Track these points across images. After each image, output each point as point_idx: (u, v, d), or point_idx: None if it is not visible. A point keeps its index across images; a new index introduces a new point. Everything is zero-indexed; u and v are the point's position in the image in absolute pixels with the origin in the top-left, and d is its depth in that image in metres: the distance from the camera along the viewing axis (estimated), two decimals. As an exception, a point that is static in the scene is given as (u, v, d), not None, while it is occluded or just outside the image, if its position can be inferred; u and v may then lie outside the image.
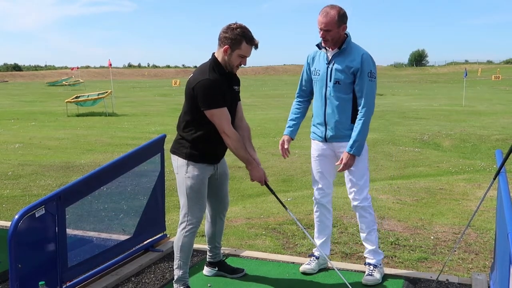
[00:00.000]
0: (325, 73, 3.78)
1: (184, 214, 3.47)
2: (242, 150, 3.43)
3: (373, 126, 16.03)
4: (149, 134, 14.12)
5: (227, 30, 3.34)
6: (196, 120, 3.39)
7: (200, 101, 3.29)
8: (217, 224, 3.85)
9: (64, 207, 3.40)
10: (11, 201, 7.39)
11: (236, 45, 3.32)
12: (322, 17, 3.60)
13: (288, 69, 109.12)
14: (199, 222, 3.50)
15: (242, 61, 3.40)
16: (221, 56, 3.38)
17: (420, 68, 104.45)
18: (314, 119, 4.08)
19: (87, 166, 9.83)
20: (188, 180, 3.41)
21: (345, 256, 4.78)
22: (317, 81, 3.89)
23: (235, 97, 3.55)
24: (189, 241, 3.48)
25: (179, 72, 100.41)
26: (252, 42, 3.37)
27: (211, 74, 3.31)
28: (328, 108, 3.84)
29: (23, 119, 19.43)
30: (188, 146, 3.42)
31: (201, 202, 3.49)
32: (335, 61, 3.74)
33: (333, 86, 3.75)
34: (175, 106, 24.82)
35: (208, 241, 3.93)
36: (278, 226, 5.65)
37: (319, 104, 3.94)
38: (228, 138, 3.37)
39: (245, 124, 3.67)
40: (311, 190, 8.02)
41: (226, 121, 3.36)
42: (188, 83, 3.38)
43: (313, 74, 3.94)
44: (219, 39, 3.38)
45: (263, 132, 14.68)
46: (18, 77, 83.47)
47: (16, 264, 3.03)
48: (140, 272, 4.05)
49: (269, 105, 25.44)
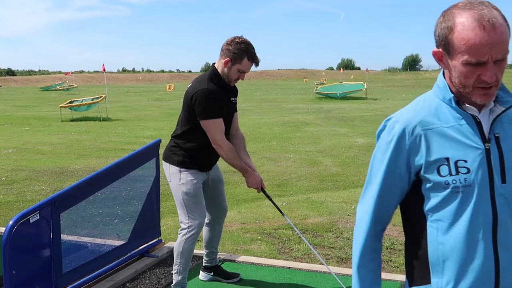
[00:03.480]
0: (484, 166, 1.50)
1: (184, 221, 3.46)
2: (236, 160, 3.44)
3: (368, 130, 16.10)
4: (143, 139, 14.08)
5: (231, 43, 3.35)
6: (192, 130, 3.41)
7: (197, 111, 3.30)
8: (216, 229, 3.85)
9: (58, 213, 3.38)
10: (5, 206, 7.34)
11: (238, 59, 3.34)
12: (491, 32, 1.40)
13: (282, 74, 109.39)
14: (201, 227, 3.50)
15: (241, 76, 3.43)
16: (220, 68, 3.40)
17: (414, 73, 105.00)
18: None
19: (81, 171, 9.78)
20: (183, 187, 3.41)
21: (340, 261, 4.77)
22: (460, 191, 1.50)
23: (231, 109, 3.56)
24: (189, 247, 3.48)
25: (174, 77, 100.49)
26: (254, 59, 3.40)
27: (209, 84, 3.33)
28: (503, 250, 1.51)
29: (17, 124, 19.33)
30: (181, 154, 3.43)
31: (200, 207, 3.48)
32: (502, 131, 1.55)
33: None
34: (169, 110, 24.79)
35: (205, 246, 3.92)
36: (273, 231, 5.64)
37: (471, 245, 1.51)
38: (220, 149, 3.38)
39: (240, 134, 3.68)
40: (306, 195, 8.03)
41: (220, 132, 3.38)
42: (187, 93, 3.40)
43: (434, 175, 1.53)
44: (221, 50, 3.39)
45: (258, 136, 14.67)
46: (11, 82, 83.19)
47: (10, 270, 3.01)
48: (135, 277, 4.03)
49: (263, 110, 25.45)
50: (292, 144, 13.32)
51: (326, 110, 24.65)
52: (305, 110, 24.75)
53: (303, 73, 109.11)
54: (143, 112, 25.15)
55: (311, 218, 6.13)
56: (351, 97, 34.87)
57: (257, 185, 3.57)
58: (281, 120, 20.07)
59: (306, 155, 11.56)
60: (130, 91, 51.75)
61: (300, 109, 25.47)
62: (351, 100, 32.93)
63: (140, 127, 18.11)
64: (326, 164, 10.58)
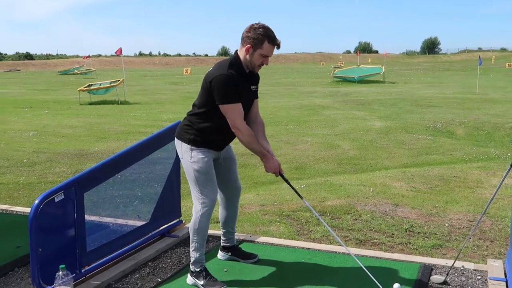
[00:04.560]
0: None
1: (197, 198, 3.51)
2: (255, 144, 3.47)
3: (386, 114, 15.98)
4: (161, 122, 14.17)
5: (249, 29, 3.38)
6: (207, 112, 3.45)
7: (216, 95, 3.34)
8: (230, 209, 3.88)
9: (82, 193, 3.45)
10: (28, 187, 7.48)
11: (258, 44, 3.36)
12: None
13: (299, 57, 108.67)
14: (213, 203, 3.54)
15: (264, 60, 3.44)
16: (243, 55, 3.42)
17: (433, 56, 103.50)
18: None
19: (100, 154, 9.90)
20: (195, 165, 3.46)
21: (359, 243, 4.79)
22: None
23: (251, 96, 3.58)
24: (204, 224, 3.52)
25: (190, 61, 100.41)
26: (274, 42, 3.40)
27: (229, 71, 3.35)
28: None
29: (37, 108, 19.57)
30: (193, 133, 3.47)
31: (212, 183, 3.52)
32: None
33: None
34: (186, 94, 24.86)
35: (221, 226, 3.96)
36: (292, 213, 5.67)
37: None
38: (240, 133, 3.41)
39: (259, 120, 3.71)
40: (324, 178, 8.04)
41: (239, 116, 3.40)
42: (206, 76, 3.43)
43: None
44: (241, 39, 3.43)
45: (275, 120, 14.66)
46: (30, 66, 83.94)
47: (36, 248, 3.08)
48: (156, 257, 4.10)
49: (280, 93, 25.37)
50: (309, 127, 13.29)
51: (343, 93, 24.48)
52: (322, 94, 24.62)
53: (320, 56, 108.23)
54: (160, 95, 25.26)
55: (330, 200, 6.15)
56: (368, 81, 34.55)
57: (275, 169, 3.59)
58: (298, 103, 20.00)
59: (324, 139, 11.53)
60: (147, 75, 51.91)
61: (318, 93, 25.34)
62: (368, 83, 32.64)
63: (158, 110, 18.20)
64: (343, 148, 10.56)
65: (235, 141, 3.63)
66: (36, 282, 3.13)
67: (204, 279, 3.52)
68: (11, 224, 4.98)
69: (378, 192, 6.52)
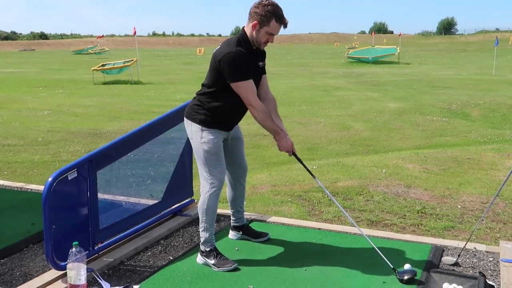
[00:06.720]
0: None
1: (205, 178, 3.52)
2: (268, 121, 3.45)
3: (400, 95, 15.84)
4: (174, 102, 14.19)
5: (258, 5, 3.33)
6: (216, 92, 3.43)
7: (226, 74, 3.31)
8: (237, 189, 3.89)
9: (95, 171, 3.47)
10: (42, 166, 7.57)
11: (265, 22, 3.32)
12: None
13: (313, 38, 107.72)
14: (221, 183, 3.54)
15: (270, 38, 3.40)
16: (249, 31, 3.38)
17: (449, 37, 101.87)
18: None
19: (114, 133, 9.97)
20: (205, 145, 3.45)
21: (371, 224, 4.79)
22: None
23: (259, 72, 3.55)
24: (213, 204, 3.53)
25: (203, 41, 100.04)
26: (282, 21, 3.36)
27: (237, 48, 3.31)
28: None
29: (51, 87, 19.69)
30: (203, 113, 3.45)
31: (220, 164, 3.52)
32: None
33: None
34: (199, 74, 24.82)
35: (230, 205, 3.98)
36: (303, 194, 5.67)
37: None
38: (254, 110, 3.39)
39: (270, 96, 3.67)
40: (337, 159, 8.02)
41: (252, 93, 3.38)
42: (214, 55, 3.39)
43: None
44: (249, 14, 3.38)
45: (288, 100, 14.61)
46: (44, 45, 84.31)
47: (50, 225, 3.12)
48: (168, 235, 4.14)
49: (293, 74, 25.23)
50: (322, 108, 13.22)
51: (357, 74, 24.28)
52: (336, 75, 24.43)
53: (335, 37, 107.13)
54: (173, 75, 25.26)
55: (342, 181, 6.14)
56: (383, 61, 34.20)
57: (288, 148, 3.58)
58: (311, 84, 19.88)
59: (337, 120, 11.47)
60: (161, 55, 51.90)
61: (331, 74, 25.15)
62: (383, 64, 32.31)
63: (170, 90, 18.22)
64: (356, 129, 10.50)
65: (247, 121, 3.60)
66: (50, 258, 3.17)
67: (214, 258, 3.54)
68: (26, 201, 5.05)
69: (391, 173, 6.49)
